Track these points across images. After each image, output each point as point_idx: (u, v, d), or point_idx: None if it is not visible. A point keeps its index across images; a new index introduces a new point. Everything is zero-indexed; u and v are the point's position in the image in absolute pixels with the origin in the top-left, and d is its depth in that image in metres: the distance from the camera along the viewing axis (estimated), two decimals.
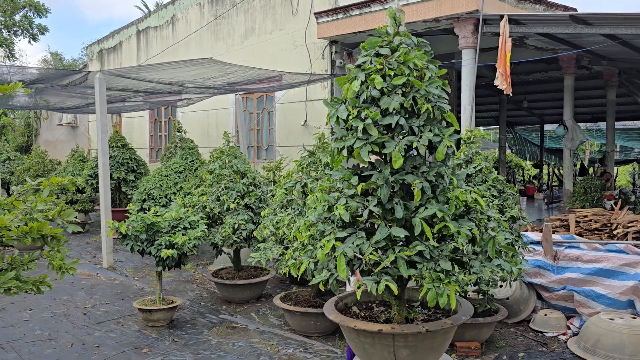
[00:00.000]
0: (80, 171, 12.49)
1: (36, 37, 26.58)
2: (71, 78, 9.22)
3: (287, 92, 11.36)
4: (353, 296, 3.54)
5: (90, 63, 18.27)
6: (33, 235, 3.14)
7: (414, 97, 2.93)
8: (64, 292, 6.99)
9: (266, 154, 12.41)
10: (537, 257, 5.81)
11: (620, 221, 6.98)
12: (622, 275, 5.29)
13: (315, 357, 4.84)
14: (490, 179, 5.15)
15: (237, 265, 6.83)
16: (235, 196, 6.58)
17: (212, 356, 4.87)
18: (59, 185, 3.37)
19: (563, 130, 11.04)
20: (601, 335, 4.76)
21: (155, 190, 9.88)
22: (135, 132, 16.62)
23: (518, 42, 9.22)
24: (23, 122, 23.16)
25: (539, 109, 19.73)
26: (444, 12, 8.24)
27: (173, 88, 10.04)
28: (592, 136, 23.17)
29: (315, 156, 5.66)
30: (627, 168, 23.71)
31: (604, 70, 12.29)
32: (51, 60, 30.60)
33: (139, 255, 5.91)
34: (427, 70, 3.00)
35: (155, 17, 15.39)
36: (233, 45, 12.83)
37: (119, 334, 5.44)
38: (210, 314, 6.15)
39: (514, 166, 23.77)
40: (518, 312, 5.77)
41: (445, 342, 2.89)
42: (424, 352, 2.85)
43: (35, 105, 14.24)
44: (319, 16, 10.20)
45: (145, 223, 5.55)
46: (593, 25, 7.39)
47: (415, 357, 2.85)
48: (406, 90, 2.98)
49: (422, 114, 2.92)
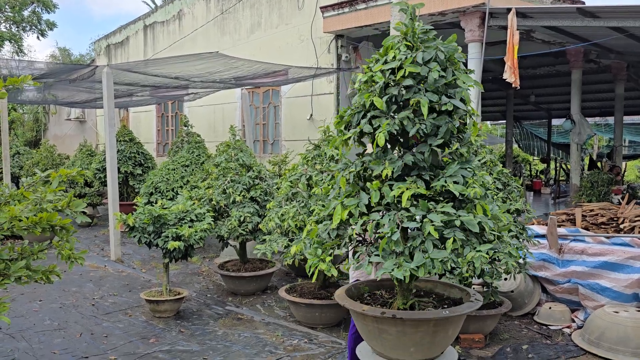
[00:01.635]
0: (89, 165, 12.59)
1: (44, 32, 26.69)
2: (79, 72, 9.29)
3: (293, 86, 11.38)
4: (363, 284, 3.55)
5: (97, 58, 18.36)
6: (43, 225, 3.19)
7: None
8: (73, 283, 7.07)
9: (272, 148, 12.45)
10: (542, 250, 5.81)
11: (627, 215, 6.96)
12: (628, 268, 5.29)
13: (320, 348, 4.88)
14: (495, 172, 5.17)
15: (243, 258, 6.88)
16: (241, 189, 6.62)
17: (218, 346, 4.93)
18: (68, 177, 3.42)
19: (570, 124, 10.99)
20: (606, 329, 4.77)
21: (162, 183, 9.95)
22: (142, 127, 16.70)
23: (525, 35, 9.18)
24: (32, 117, 23.32)
25: (546, 104, 19.62)
26: (451, 5, 8.22)
27: (180, 82, 10.09)
28: (600, 131, 23.03)
29: (321, 149, 5.69)
30: (635, 163, 23.57)
31: (612, 64, 12.20)
32: (59, 56, 30.78)
33: (146, 248, 5.98)
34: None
35: (162, 12, 15.44)
36: (239, 39, 12.86)
37: (127, 324, 5.51)
38: (216, 305, 6.21)
39: (521, 161, 23.69)
40: (522, 305, 5.79)
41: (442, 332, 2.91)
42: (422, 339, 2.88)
43: (43, 100, 14.35)
44: (325, 10, 10.20)
45: (153, 215, 5.61)
46: (601, 17, 7.36)
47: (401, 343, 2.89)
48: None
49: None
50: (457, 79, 2.92)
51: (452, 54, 2.94)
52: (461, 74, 2.93)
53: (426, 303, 3.15)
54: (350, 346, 4.04)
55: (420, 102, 2.79)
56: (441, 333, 2.87)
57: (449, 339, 2.97)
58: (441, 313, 2.82)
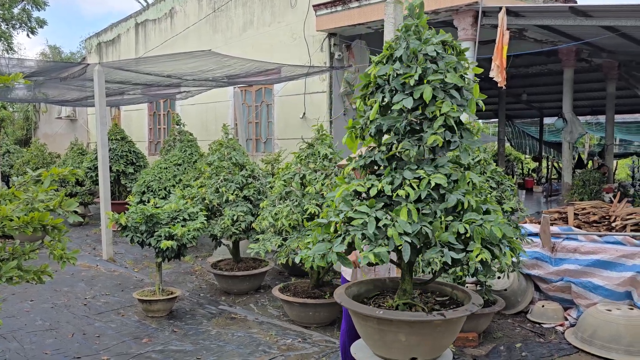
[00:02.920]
0: (80, 164, 12.50)
1: (34, 30, 26.42)
2: (70, 70, 9.21)
3: (286, 85, 11.35)
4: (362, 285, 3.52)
5: (88, 56, 18.22)
6: (34, 225, 3.15)
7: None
8: (65, 283, 7.01)
9: (265, 146, 12.42)
10: (535, 249, 5.83)
11: (618, 213, 7.00)
12: (620, 266, 5.32)
13: (314, 347, 4.87)
14: (488, 171, 5.17)
15: (236, 257, 6.86)
16: (234, 188, 6.60)
17: (212, 346, 4.90)
18: (59, 176, 3.39)
19: (562, 123, 11.05)
20: (598, 327, 4.79)
21: (154, 182, 9.89)
22: (134, 125, 16.60)
23: (517, 34, 9.21)
24: (22, 116, 23.12)
25: (539, 102, 19.70)
26: (444, 4, 8.22)
27: (172, 81, 10.04)
28: (591, 129, 23.16)
29: (314, 148, 5.67)
30: (626, 161, 23.73)
31: (604, 63, 12.26)
32: (50, 54, 30.52)
33: (139, 248, 5.93)
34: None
35: (154, 10, 15.35)
36: (232, 37, 12.81)
37: (119, 324, 5.47)
38: (209, 304, 6.18)
39: (513, 159, 23.79)
40: (516, 303, 5.81)
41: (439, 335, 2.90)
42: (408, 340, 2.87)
43: (34, 99, 14.23)
44: (318, 8, 10.18)
45: (145, 214, 5.57)
46: (592, 17, 7.39)
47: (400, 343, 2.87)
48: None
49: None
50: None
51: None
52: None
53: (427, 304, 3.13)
54: (342, 344, 4.03)
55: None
56: (438, 336, 2.86)
57: (446, 342, 2.96)
58: (439, 315, 2.80)
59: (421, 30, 2.94)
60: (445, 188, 2.79)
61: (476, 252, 2.64)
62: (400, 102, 2.83)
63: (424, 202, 2.79)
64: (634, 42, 8.99)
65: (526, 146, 25.01)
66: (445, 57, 2.85)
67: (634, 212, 7.01)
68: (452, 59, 2.86)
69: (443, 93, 2.81)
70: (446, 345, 2.97)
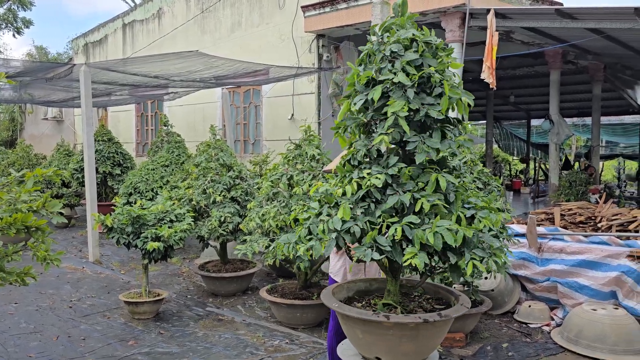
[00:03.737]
0: (66, 165, 12.37)
1: (20, 30, 26.21)
2: (56, 71, 9.12)
3: (274, 86, 11.33)
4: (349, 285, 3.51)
5: (75, 56, 18.07)
6: (17, 226, 3.11)
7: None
8: (50, 285, 6.94)
9: (253, 148, 12.38)
10: (521, 249, 5.87)
11: (604, 214, 7.05)
12: (605, 266, 5.36)
13: (301, 348, 4.86)
14: (475, 171, 5.19)
15: (223, 259, 6.82)
16: (222, 189, 6.57)
17: (199, 348, 4.87)
18: (45, 177, 3.35)
19: (549, 124, 11.14)
20: (584, 326, 4.82)
21: (141, 184, 9.82)
22: (121, 126, 16.49)
23: (505, 36, 9.27)
24: (7, 117, 22.87)
25: (526, 104, 19.86)
26: (431, 5, 8.26)
27: (159, 81, 9.98)
28: (578, 131, 23.36)
29: (302, 149, 5.66)
30: (612, 163, 23.97)
31: (590, 65, 12.39)
32: (36, 54, 30.22)
33: (125, 250, 5.88)
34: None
35: (141, 11, 15.26)
36: (220, 38, 12.76)
37: (105, 327, 5.42)
38: (196, 306, 6.14)
39: (500, 161, 23.92)
40: (503, 303, 5.84)
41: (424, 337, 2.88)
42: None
43: (19, 99, 14.07)
44: (306, 10, 10.18)
45: (132, 216, 5.53)
46: (578, 19, 7.46)
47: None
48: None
49: None
50: None
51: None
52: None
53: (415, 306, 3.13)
54: (329, 346, 4.03)
55: None
56: (423, 338, 2.85)
57: (434, 343, 2.95)
58: (427, 316, 2.79)
59: (393, 29, 2.95)
60: (395, 188, 2.81)
61: (407, 256, 2.64)
62: (358, 102, 2.89)
63: (366, 201, 2.86)
64: (619, 44, 9.09)
65: (514, 148, 25.17)
66: (403, 55, 2.83)
67: (619, 212, 7.07)
68: (411, 57, 2.81)
69: (400, 92, 2.79)
70: (408, 351, 2.88)
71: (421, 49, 2.85)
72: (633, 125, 20.98)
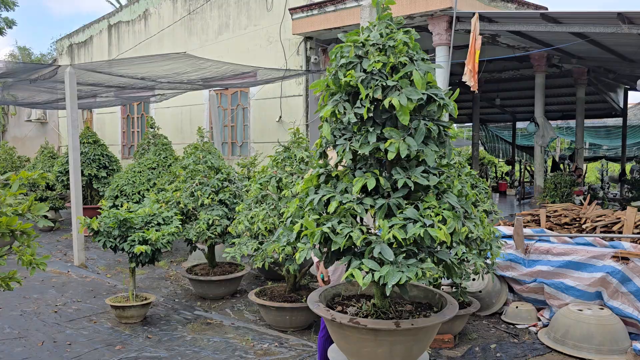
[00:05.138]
0: (51, 168, 12.23)
1: (3, 31, 25.82)
2: (40, 72, 9.02)
3: (262, 88, 11.31)
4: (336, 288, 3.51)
5: (60, 58, 17.88)
6: (2, 230, 3.07)
7: None
8: (34, 290, 6.85)
9: (241, 150, 12.35)
10: (508, 250, 5.91)
11: (588, 216, 7.14)
12: (591, 267, 5.42)
13: (291, 351, 4.85)
14: (463, 174, 5.22)
15: (211, 262, 6.78)
16: (210, 192, 6.53)
17: (187, 352, 4.84)
18: (29, 180, 3.30)
19: (534, 127, 11.26)
20: (570, 326, 4.87)
21: (127, 186, 9.73)
22: (107, 129, 16.34)
23: (490, 40, 9.35)
24: None
25: (511, 107, 20.04)
26: (418, 9, 8.31)
27: (146, 83, 9.91)
28: (562, 133, 23.64)
29: (290, 151, 5.66)
30: (596, 165, 24.28)
31: (574, 68, 12.56)
32: (19, 55, 29.86)
33: (111, 253, 5.83)
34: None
35: (127, 12, 15.15)
36: (207, 40, 12.72)
37: (91, 332, 5.35)
38: (184, 310, 6.10)
39: (486, 163, 24.11)
40: (490, 304, 5.87)
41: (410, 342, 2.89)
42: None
43: (2, 101, 13.89)
44: (294, 12, 10.19)
45: (118, 219, 5.48)
46: (563, 23, 7.55)
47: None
48: None
49: None
50: None
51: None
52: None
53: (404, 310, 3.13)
54: (320, 349, 4.02)
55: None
56: (405, 343, 2.85)
57: (419, 347, 2.95)
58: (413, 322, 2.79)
59: (372, 29, 3.00)
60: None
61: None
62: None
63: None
64: (603, 48, 9.22)
65: (499, 150, 25.39)
66: (364, 58, 2.95)
67: (603, 214, 7.16)
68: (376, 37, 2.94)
69: (347, 96, 2.95)
70: (393, 356, 2.88)
71: (400, 45, 2.93)
72: (616, 128, 21.28)
